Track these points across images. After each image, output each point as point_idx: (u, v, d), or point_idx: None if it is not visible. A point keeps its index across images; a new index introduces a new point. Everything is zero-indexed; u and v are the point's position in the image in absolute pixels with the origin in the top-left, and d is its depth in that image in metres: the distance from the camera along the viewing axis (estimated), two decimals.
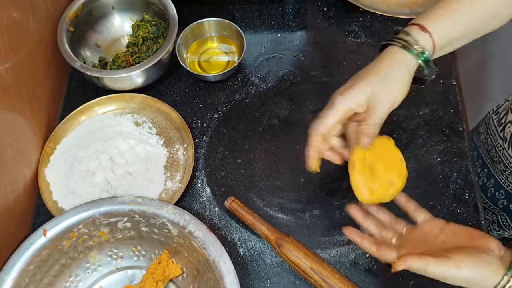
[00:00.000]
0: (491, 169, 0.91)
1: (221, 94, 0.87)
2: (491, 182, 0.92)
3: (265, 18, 0.96)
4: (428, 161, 0.79)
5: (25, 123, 0.75)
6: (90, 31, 0.90)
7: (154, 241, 0.70)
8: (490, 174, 0.92)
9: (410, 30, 0.62)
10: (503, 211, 0.92)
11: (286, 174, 0.79)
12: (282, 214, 0.76)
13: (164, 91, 0.88)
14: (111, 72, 0.82)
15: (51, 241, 0.65)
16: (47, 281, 0.67)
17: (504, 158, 0.86)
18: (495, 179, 0.90)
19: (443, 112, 0.83)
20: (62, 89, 0.89)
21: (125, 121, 0.82)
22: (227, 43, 0.92)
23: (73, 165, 0.76)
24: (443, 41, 0.62)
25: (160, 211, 0.67)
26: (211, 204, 0.77)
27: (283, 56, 0.91)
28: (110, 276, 0.72)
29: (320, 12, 0.96)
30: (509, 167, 0.85)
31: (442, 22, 0.62)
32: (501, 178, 0.89)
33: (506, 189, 0.88)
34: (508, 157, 0.84)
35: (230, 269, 0.62)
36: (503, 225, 0.94)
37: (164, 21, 0.89)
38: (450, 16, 0.62)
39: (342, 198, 0.76)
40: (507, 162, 0.85)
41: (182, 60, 0.87)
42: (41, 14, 0.80)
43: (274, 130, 0.83)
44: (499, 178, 0.89)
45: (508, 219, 0.92)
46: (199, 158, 0.81)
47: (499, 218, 0.94)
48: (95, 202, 0.68)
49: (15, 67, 0.71)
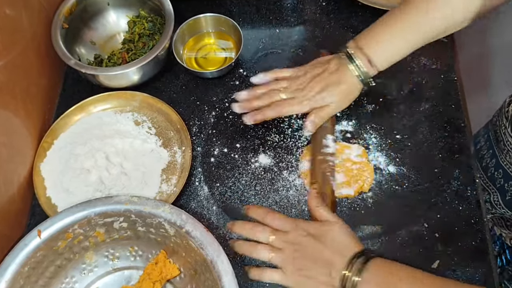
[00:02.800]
0: (495, 149, 0.92)
1: (218, 90, 0.86)
2: (493, 162, 0.93)
3: (263, 13, 0.95)
4: (429, 158, 0.78)
5: (19, 122, 0.74)
6: (85, 28, 0.89)
7: (151, 241, 0.69)
8: (494, 154, 0.93)
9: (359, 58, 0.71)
10: (498, 191, 0.94)
11: (285, 170, 0.78)
12: (281, 212, 0.74)
13: (160, 88, 0.87)
14: (107, 69, 0.80)
15: (46, 242, 0.64)
16: (42, 283, 0.66)
17: (505, 137, 0.87)
18: (497, 159, 0.92)
19: (444, 108, 0.82)
20: (57, 87, 0.88)
21: (125, 119, 0.81)
22: (224, 39, 0.91)
23: (69, 162, 0.75)
24: (388, 64, 0.71)
25: (156, 210, 0.66)
26: (209, 203, 0.76)
27: (281, 51, 0.90)
28: (106, 277, 0.71)
29: (319, 6, 0.95)
30: (507, 145, 0.86)
31: (384, 49, 0.70)
32: (501, 157, 0.90)
33: (504, 168, 0.90)
34: (508, 136, 0.86)
35: (228, 269, 0.61)
36: (494, 204, 0.97)
37: (160, 17, 0.88)
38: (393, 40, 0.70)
39: None
40: (505, 140, 0.87)
41: (179, 56, 0.86)
42: (34, 11, 0.79)
43: (272, 127, 0.82)
44: (500, 158, 0.91)
45: (499, 197, 0.94)
46: (196, 156, 0.80)
47: (492, 197, 0.96)
48: (90, 202, 0.66)
49: (8, 66, 0.70)
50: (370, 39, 0.71)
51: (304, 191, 0.76)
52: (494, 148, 0.93)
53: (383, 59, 0.71)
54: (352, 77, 0.72)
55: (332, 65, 0.74)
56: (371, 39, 0.71)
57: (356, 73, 0.71)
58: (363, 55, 0.70)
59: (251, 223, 0.66)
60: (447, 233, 0.64)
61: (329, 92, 0.72)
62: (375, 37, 0.71)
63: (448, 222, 0.72)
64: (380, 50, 0.70)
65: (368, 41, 0.71)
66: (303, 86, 0.74)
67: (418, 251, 0.71)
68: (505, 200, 0.92)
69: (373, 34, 0.71)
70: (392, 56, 0.71)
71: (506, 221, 1.01)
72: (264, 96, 0.76)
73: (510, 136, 0.85)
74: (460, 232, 0.72)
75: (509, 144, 0.86)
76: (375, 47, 0.70)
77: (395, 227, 0.73)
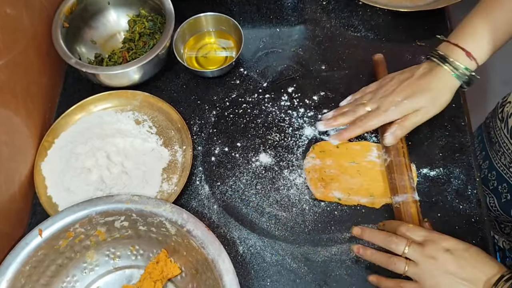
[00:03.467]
0: (489, 151, 0.92)
1: (219, 90, 0.86)
2: (486, 164, 0.93)
3: (263, 12, 0.95)
4: (430, 157, 0.78)
5: (20, 121, 0.74)
6: (85, 27, 0.89)
7: (152, 240, 0.69)
8: (487, 156, 0.93)
9: (454, 54, 0.68)
10: (492, 193, 0.93)
11: (285, 169, 0.78)
12: (282, 211, 0.75)
13: (161, 87, 0.87)
14: (107, 69, 0.80)
15: (47, 241, 0.64)
16: (44, 282, 0.66)
17: (500, 138, 0.86)
18: (490, 161, 0.91)
19: None
20: (57, 87, 0.88)
21: (126, 118, 0.81)
22: (225, 38, 0.91)
23: (69, 161, 0.75)
24: (486, 56, 0.68)
25: (157, 209, 0.66)
26: (210, 202, 0.76)
27: (281, 50, 0.90)
28: (107, 276, 0.71)
29: (319, 6, 0.95)
30: (503, 147, 0.85)
31: (479, 39, 0.67)
32: (495, 159, 0.90)
33: (497, 170, 0.89)
34: (504, 137, 0.85)
35: (229, 268, 0.61)
36: (490, 206, 0.96)
37: (160, 16, 0.88)
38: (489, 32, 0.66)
39: None
40: (501, 142, 0.86)
41: (179, 55, 0.85)
42: (35, 10, 0.78)
43: (273, 126, 0.82)
44: (493, 159, 0.90)
45: (495, 201, 0.93)
46: (197, 155, 0.80)
47: (487, 199, 0.95)
48: (91, 201, 0.67)
49: (9, 65, 0.70)
50: (461, 34, 0.68)
51: (304, 190, 0.76)
52: (488, 150, 0.92)
53: (481, 50, 0.67)
54: (446, 79, 0.69)
55: (421, 69, 0.71)
56: (463, 33, 0.68)
57: (453, 72, 0.68)
58: (459, 50, 0.68)
59: (385, 232, 0.65)
60: (447, 232, 0.64)
61: (417, 97, 0.69)
62: (466, 30, 0.68)
63: (449, 221, 0.72)
64: (476, 41, 0.67)
65: (460, 36, 0.68)
66: (388, 92, 0.72)
67: None
68: (500, 203, 0.92)
69: (463, 29, 0.69)
70: (488, 46, 0.67)
71: (500, 223, 1.01)
72: (349, 112, 0.73)
73: (506, 138, 0.85)
74: (461, 231, 0.72)
75: (505, 146, 0.85)
76: (469, 39, 0.68)
77: None
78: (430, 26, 0.90)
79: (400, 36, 0.91)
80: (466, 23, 0.69)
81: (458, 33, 0.69)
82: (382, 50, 0.87)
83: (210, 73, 0.85)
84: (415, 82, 0.70)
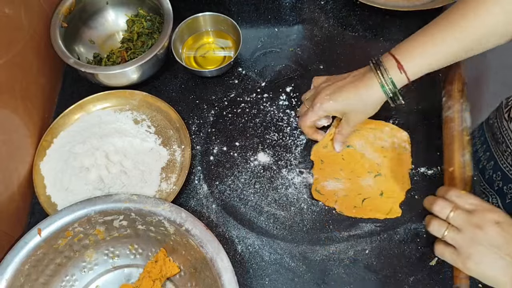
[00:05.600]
0: (493, 151, 0.92)
1: (217, 89, 0.86)
2: (491, 165, 0.93)
3: (261, 12, 0.95)
4: (428, 156, 0.78)
5: (19, 121, 0.74)
6: (84, 26, 0.89)
7: (151, 239, 0.69)
8: (492, 156, 0.92)
9: (387, 63, 0.66)
10: (496, 194, 0.93)
11: (284, 169, 0.78)
12: (280, 210, 0.75)
13: (160, 87, 0.87)
14: (106, 68, 0.80)
15: (46, 241, 0.64)
16: (43, 281, 0.66)
17: (508, 138, 0.86)
18: (495, 161, 0.91)
19: None
20: (56, 86, 0.88)
21: (124, 118, 0.81)
22: (223, 37, 0.91)
23: (68, 161, 0.75)
24: (420, 73, 0.66)
25: (156, 209, 0.66)
26: (208, 201, 0.76)
27: (280, 50, 0.90)
28: (106, 275, 0.71)
29: (317, 5, 0.95)
30: (510, 147, 0.85)
31: (420, 60, 0.65)
32: (501, 159, 0.89)
33: (503, 171, 0.89)
34: (511, 138, 0.85)
35: (228, 267, 0.62)
36: None
37: (159, 16, 0.88)
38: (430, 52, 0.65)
39: None
40: (509, 142, 0.85)
41: (178, 55, 0.86)
42: (33, 10, 0.79)
43: (272, 125, 0.82)
44: (499, 160, 0.90)
45: (499, 201, 0.93)
46: (195, 154, 0.80)
47: (491, 199, 0.95)
48: (90, 200, 0.67)
49: (7, 64, 0.70)
50: (403, 46, 0.66)
51: (303, 189, 0.76)
52: (492, 150, 0.92)
53: (415, 66, 0.65)
54: (373, 90, 0.68)
55: (357, 71, 0.71)
56: (405, 46, 0.66)
57: (379, 81, 0.67)
58: (393, 61, 0.66)
59: (434, 197, 0.64)
60: None
61: (341, 100, 0.70)
62: (409, 43, 0.66)
63: None
64: (413, 57, 0.65)
65: (402, 48, 0.66)
66: (320, 89, 0.74)
67: (416, 248, 0.71)
68: (505, 203, 0.91)
69: (406, 42, 0.67)
70: (425, 66, 0.65)
71: None
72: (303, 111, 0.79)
73: None
74: None
75: None
76: (406, 53, 0.65)
77: (393, 224, 0.73)
78: None
79: (397, 36, 0.91)
80: (412, 37, 0.67)
81: (401, 45, 0.67)
82: (380, 49, 0.87)
83: (209, 73, 0.85)
84: (346, 84, 0.71)
